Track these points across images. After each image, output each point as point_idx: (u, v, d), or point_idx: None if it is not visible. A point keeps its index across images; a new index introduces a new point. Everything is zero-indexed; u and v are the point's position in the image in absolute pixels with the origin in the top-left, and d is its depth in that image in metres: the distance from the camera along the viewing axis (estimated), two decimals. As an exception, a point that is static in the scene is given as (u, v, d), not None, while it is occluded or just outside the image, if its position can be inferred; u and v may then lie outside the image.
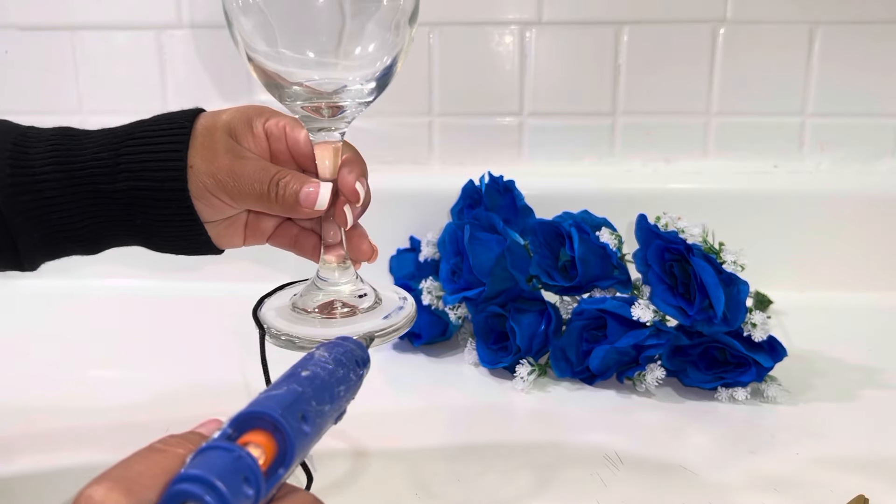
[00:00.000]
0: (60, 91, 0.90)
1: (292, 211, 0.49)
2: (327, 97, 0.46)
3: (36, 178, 0.49)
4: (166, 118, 0.51)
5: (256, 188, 0.48)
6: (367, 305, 0.50)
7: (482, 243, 0.70)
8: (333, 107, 0.46)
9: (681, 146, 0.89)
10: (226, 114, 0.51)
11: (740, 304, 0.64)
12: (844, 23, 0.84)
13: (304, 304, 0.50)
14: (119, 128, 0.51)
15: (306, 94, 0.46)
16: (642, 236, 0.68)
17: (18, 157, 0.49)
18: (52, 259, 0.52)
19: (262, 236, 0.55)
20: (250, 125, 0.51)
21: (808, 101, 0.86)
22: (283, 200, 0.48)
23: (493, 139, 0.89)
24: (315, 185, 0.48)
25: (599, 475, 0.56)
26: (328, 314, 0.49)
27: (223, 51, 0.88)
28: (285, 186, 0.48)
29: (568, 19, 0.85)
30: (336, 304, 0.49)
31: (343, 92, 0.46)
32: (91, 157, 0.50)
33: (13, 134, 0.50)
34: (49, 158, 0.49)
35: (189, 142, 0.49)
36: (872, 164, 0.88)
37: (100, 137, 0.51)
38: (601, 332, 0.68)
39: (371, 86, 0.47)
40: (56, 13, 0.87)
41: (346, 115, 0.47)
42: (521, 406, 0.67)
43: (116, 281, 0.90)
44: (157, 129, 0.50)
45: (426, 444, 0.61)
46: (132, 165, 0.49)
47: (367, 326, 0.47)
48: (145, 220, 0.51)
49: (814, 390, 0.68)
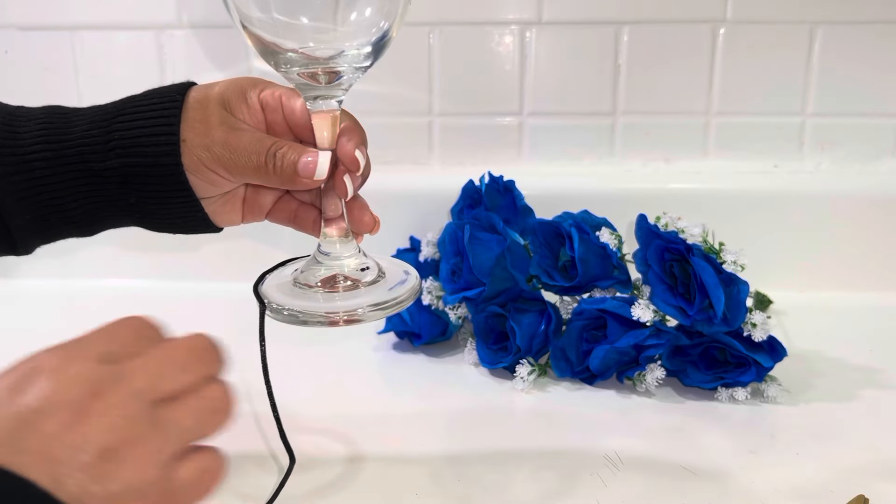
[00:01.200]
0: (60, 91, 0.90)
1: (291, 182, 0.47)
2: (323, 63, 0.45)
3: (26, 158, 0.48)
4: (157, 92, 0.50)
5: (253, 160, 0.47)
6: (371, 279, 0.49)
7: (482, 243, 0.70)
8: (330, 72, 0.45)
9: (681, 146, 0.89)
10: (218, 85, 0.50)
11: (740, 304, 0.64)
12: (844, 23, 0.84)
13: (305, 279, 0.49)
14: (109, 104, 0.50)
15: (302, 61, 0.44)
16: (642, 236, 0.68)
17: (7, 136, 0.48)
18: (47, 242, 0.51)
19: (260, 212, 0.54)
20: (244, 96, 0.50)
21: (808, 101, 0.86)
22: (280, 171, 0.47)
23: (493, 139, 0.89)
24: (313, 155, 0.47)
25: (599, 475, 0.56)
26: (331, 288, 0.48)
27: (223, 51, 0.88)
28: (283, 157, 0.47)
29: (568, 19, 0.85)
30: (339, 278, 0.48)
31: (339, 57, 0.44)
32: (81, 135, 0.48)
33: (1, 114, 0.49)
34: (39, 137, 0.48)
35: (181, 115, 0.48)
36: (872, 164, 0.88)
37: (90, 115, 0.49)
38: (601, 332, 0.68)
39: (367, 50, 0.45)
40: (56, 13, 0.87)
41: (343, 81, 0.46)
42: (521, 406, 0.67)
43: (116, 281, 0.90)
44: (148, 104, 0.49)
45: (426, 444, 0.61)
46: (124, 142, 0.48)
47: (370, 299, 0.46)
48: (139, 199, 0.49)
49: (814, 390, 0.68)
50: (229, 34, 0.87)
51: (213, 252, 0.90)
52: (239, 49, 0.87)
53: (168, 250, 0.90)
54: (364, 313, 0.46)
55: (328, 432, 0.62)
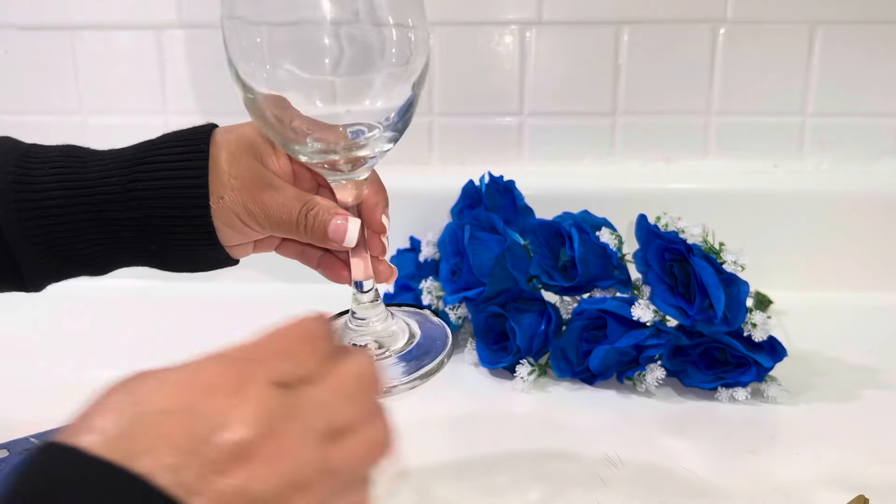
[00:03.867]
0: (60, 91, 0.90)
1: (321, 242, 0.48)
2: (344, 151, 0.44)
3: (43, 203, 0.47)
4: (179, 140, 0.49)
5: (284, 218, 0.48)
6: (401, 345, 0.49)
7: (482, 243, 0.70)
8: (353, 160, 0.45)
9: (681, 146, 0.89)
10: (245, 130, 0.50)
11: (740, 304, 0.64)
12: (844, 23, 0.84)
13: None
14: (127, 149, 0.50)
15: (321, 153, 0.44)
16: (642, 236, 0.68)
17: (22, 179, 0.47)
18: (58, 281, 0.51)
19: (270, 246, 0.55)
20: (273, 144, 0.50)
21: (809, 100, 0.86)
22: (312, 231, 0.48)
23: (493, 139, 0.89)
24: (343, 218, 0.47)
25: (599, 475, 0.56)
26: None
27: (223, 51, 0.88)
28: (314, 217, 0.48)
29: (568, 19, 0.85)
30: (369, 346, 0.48)
31: (362, 144, 0.44)
32: (99, 183, 0.48)
33: (15, 154, 0.48)
34: (55, 182, 0.48)
35: (208, 165, 0.48)
36: (872, 164, 0.88)
37: (107, 160, 0.49)
38: (601, 332, 0.68)
39: (389, 135, 0.45)
40: (56, 13, 0.87)
41: (366, 166, 0.46)
42: (521, 406, 0.67)
43: (116, 281, 0.90)
44: (171, 153, 0.48)
45: (426, 444, 0.61)
46: (147, 192, 0.48)
47: (402, 372, 0.46)
48: (161, 247, 0.49)
49: (814, 390, 0.68)
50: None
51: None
52: (239, 49, 0.87)
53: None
54: (400, 388, 0.46)
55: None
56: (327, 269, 0.54)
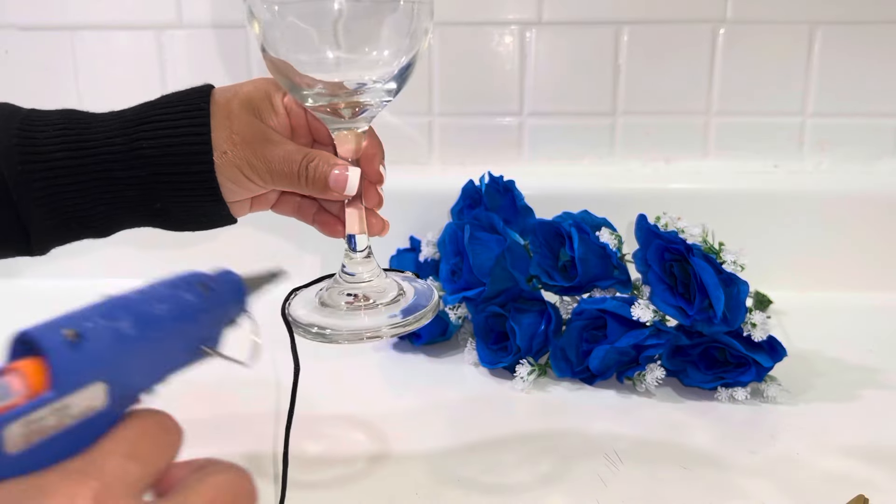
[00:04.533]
0: (60, 91, 0.90)
1: (322, 193, 0.49)
2: (346, 96, 0.46)
3: (49, 165, 0.48)
4: (178, 100, 0.50)
5: (286, 171, 0.49)
6: (390, 298, 0.50)
7: (482, 243, 0.70)
8: (354, 105, 0.47)
9: (681, 146, 0.89)
10: (243, 89, 0.51)
11: (740, 304, 0.64)
12: (844, 23, 0.84)
13: (330, 299, 0.50)
14: (128, 111, 0.51)
15: (325, 95, 0.46)
16: (642, 236, 0.68)
17: (26, 142, 0.48)
18: (63, 244, 0.52)
19: (266, 204, 0.56)
20: (271, 101, 0.51)
21: (808, 100, 0.86)
22: (313, 183, 0.49)
23: (493, 139, 0.89)
24: (342, 168, 0.48)
25: (599, 475, 0.56)
26: (354, 307, 0.50)
27: (223, 51, 0.88)
28: (315, 169, 0.49)
29: (568, 19, 0.85)
30: (361, 298, 0.50)
31: (363, 91, 0.46)
32: (103, 143, 0.49)
33: (17, 117, 0.49)
34: (59, 144, 0.48)
35: (210, 122, 0.49)
36: (872, 164, 0.88)
37: (109, 121, 0.50)
38: (601, 332, 0.68)
39: (391, 86, 0.47)
40: (56, 13, 0.87)
41: (366, 115, 0.48)
42: (520, 406, 0.67)
43: (116, 281, 0.90)
44: (173, 112, 0.50)
45: (426, 444, 0.61)
46: (152, 151, 0.49)
47: (389, 320, 0.48)
48: (165, 205, 0.50)
49: (814, 390, 0.68)
50: (229, 34, 0.87)
51: (212, 252, 0.90)
52: (239, 49, 0.87)
53: (168, 247, 0.90)
54: (386, 331, 0.48)
55: (328, 432, 0.63)
56: (323, 224, 0.56)
